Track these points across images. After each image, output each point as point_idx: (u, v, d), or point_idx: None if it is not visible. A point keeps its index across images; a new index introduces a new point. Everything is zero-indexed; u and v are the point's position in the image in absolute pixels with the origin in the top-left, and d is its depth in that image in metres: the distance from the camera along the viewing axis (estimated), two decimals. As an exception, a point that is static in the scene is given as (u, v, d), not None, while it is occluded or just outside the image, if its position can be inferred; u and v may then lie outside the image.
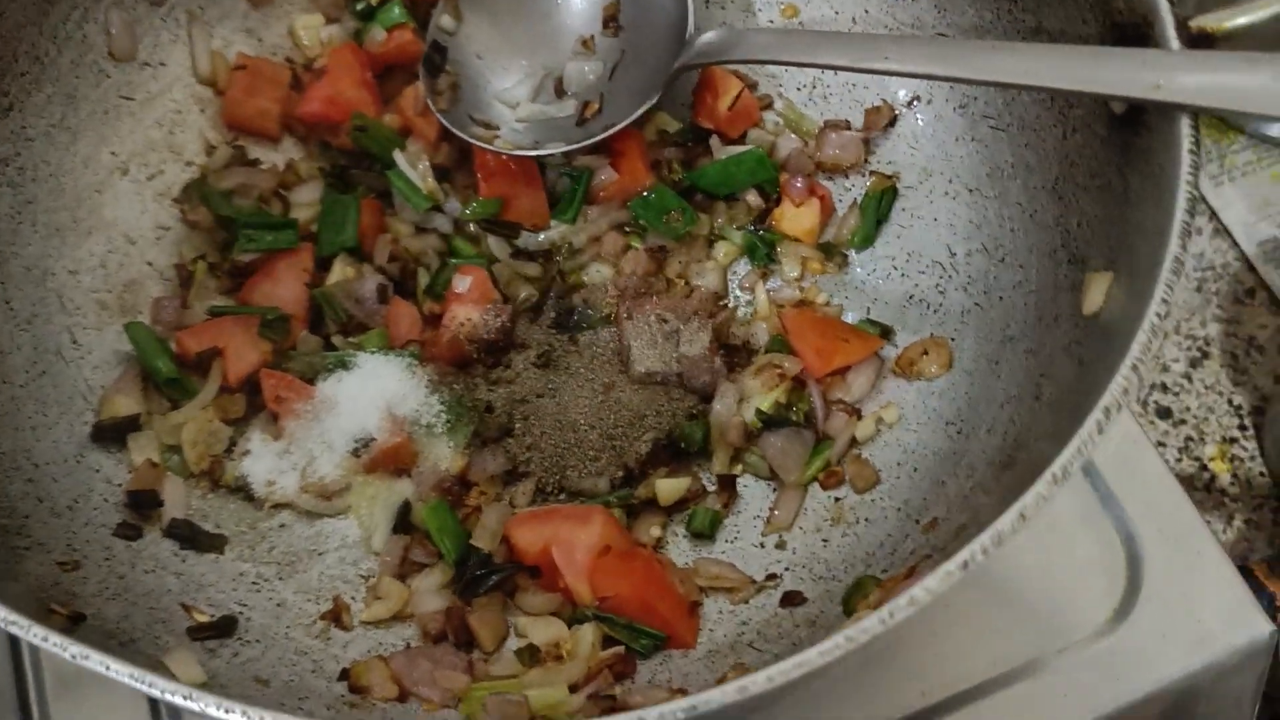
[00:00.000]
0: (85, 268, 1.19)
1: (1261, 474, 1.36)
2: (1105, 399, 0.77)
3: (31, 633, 0.71)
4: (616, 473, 1.12)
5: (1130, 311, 0.85)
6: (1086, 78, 0.90)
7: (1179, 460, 1.38)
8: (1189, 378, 1.42)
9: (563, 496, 1.13)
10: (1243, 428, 1.38)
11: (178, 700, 0.68)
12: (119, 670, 0.69)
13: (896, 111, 1.26)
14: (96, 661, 0.70)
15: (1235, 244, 1.46)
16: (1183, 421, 1.40)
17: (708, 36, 1.19)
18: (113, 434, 1.12)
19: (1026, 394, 1.01)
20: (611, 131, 1.24)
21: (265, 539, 1.11)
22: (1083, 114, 1.03)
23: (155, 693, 0.69)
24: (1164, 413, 1.41)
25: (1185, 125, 0.86)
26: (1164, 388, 1.42)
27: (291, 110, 1.31)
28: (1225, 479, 1.37)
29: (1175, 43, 0.89)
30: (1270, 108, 0.86)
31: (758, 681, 0.67)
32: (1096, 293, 0.94)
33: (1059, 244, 1.05)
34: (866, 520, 1.07)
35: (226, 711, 0.68)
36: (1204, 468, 1.38)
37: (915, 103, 1.25)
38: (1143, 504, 1.22)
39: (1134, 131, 0.94)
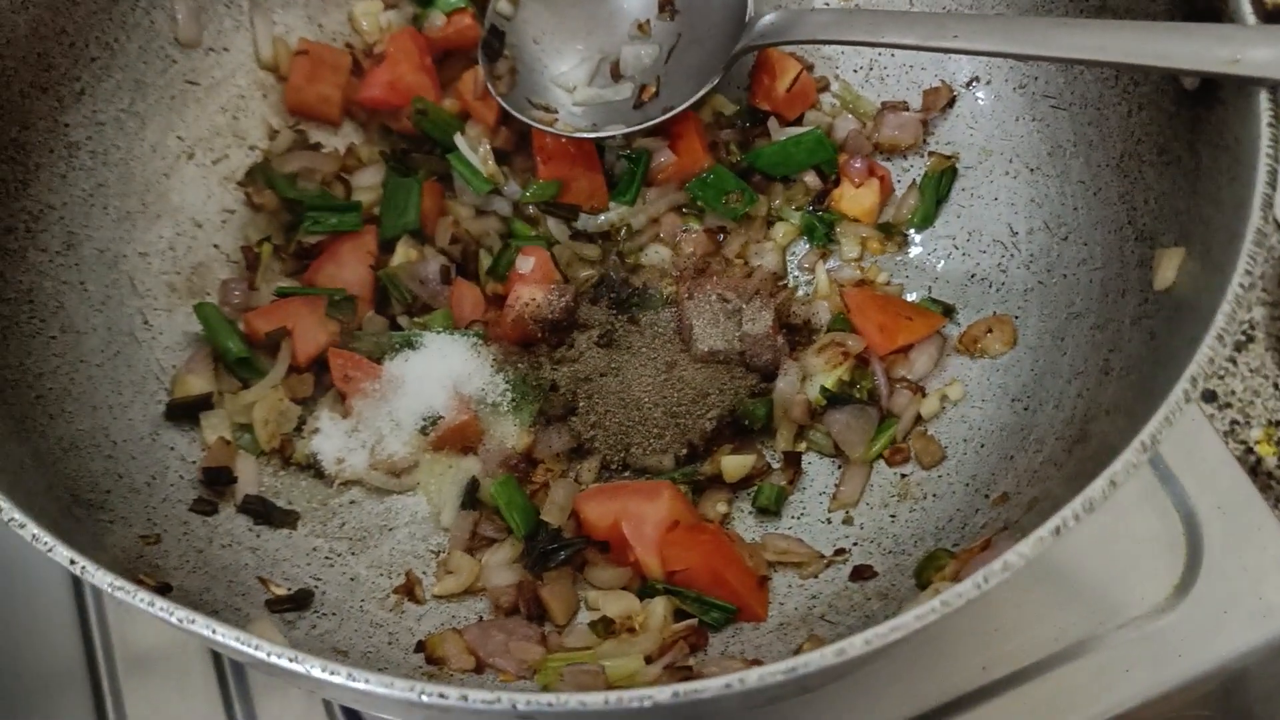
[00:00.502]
0: (155, 251, 1.21)
1: (1311, 456, 1.36)
2: (1191, 368, 0.78)
3: (138, 597, 0.73)
4: (681, 450, 1.13)
5: (1208, 284, 0.85)
6: (1161, 53, 0.90)
7: (1225, 443, 1.38)
8: (1234, 361, 1.42)
9: (627, 474, 1.15)
10: (1290, 410, 1.38)
11: (282, 662, 0.69)
12: (224, 634, 0.70)
13: (955, 92, 1.26)
14: (202, 625, 0.71)
15: (1280, 227, 1.46)
16: (1228, 405, 1.40)
17: (769, 18, 1.20)
18: (186, 413, 1.13)
19: (1094, 369, 1.01)
20: (671, 114, 1.25)
21: (336, 515, 1.13)
22: (1149, 90, 1.04)
23: (261, 655, 0.70)
24: (1209, 396, 1.41)
25: (1264, 99, 0.86)
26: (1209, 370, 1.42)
27: (352, 95, 1.32)
28: (1271, 462, 1.37)
29: (1251, 17, 0.89)
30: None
31: (855, 644, 0.68)
32: (1168, 268, 0.94)
33: (1125, 220, 1.05)
34: (934, 495, 1.08)
35: (331, 674, 0.69)
36: (1250, 450, 1.38)
37: (974, 83, 1.25)
38: (1201, 481, 1.23)
39: (1206, 106, 0.94)
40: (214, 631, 0.70)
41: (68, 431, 1.03)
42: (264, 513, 1.10)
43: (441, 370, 1.17)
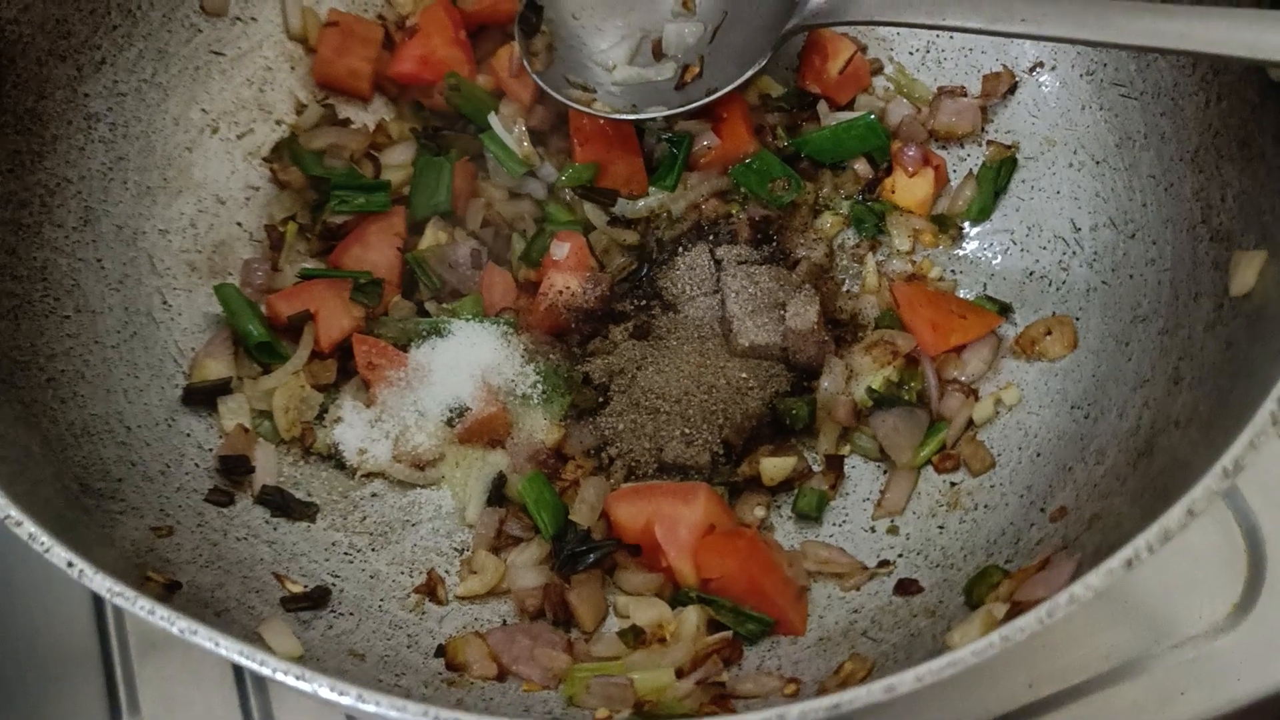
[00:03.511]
0: (175, 228, 1.17)
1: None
2: (1278, 389, 0.71)
3: (138, 605, 0.68)
4: (717, 447, 1.08)
5: (1295, 292, 0.79)
6: (1249, 42, 0.84)
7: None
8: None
9: (661, 473, 1.09)
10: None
11: (289, 680, 0.65)
12: (228, 647, 0.66)
13: (1017, 77, 1.20)
14: (204, 637, 0.67)
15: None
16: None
17: (821, -4, 1.14)
18: (204, 398, 1.09)
19: (1161, 376, 0.95)
20: (715, 97, 1.19)
21: (357, 508, 1.08)
22: (1231, 80, 0.97)
23: (266, 671, 0.65)
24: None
25: (1362, 90, 0.80)
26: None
27: (383, 69, 1.27)
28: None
29: (1348, 3, 0.83)
30: None
31: (906, 681, 0.63)
32: (1248, 272, 0.88)
33: (1199, 219, 0.99)
34: (986, 506, 1.02)
35: (341, 694, 0.65)
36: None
37: (1038, 68, 1.19)
38: (1266, 494, 1.17)
39: (1294, 99, 0.88)
40: (217, 644, 0.66)
41: (80, 416, 0.99)
42: (282, 504, 1.05)
43: (470, 359, 1.12)
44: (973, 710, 1.09)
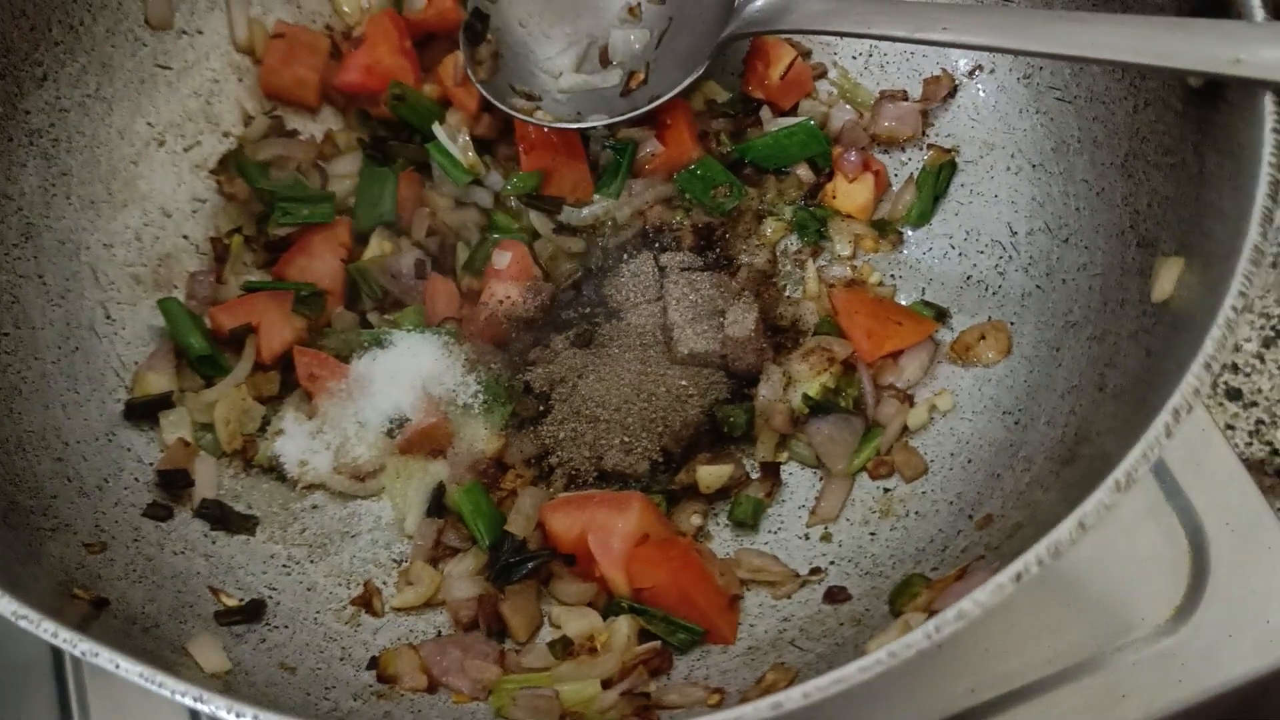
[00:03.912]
0: (119, 241, 1.17)
1: (1337, 460, 1.30)
2: (1175, 400, 0.72)
3: (41, 627, 0.69)
4: (656, 455, 1.08)
5: (1204, 302, 0.79)
6: (1160, 51, 0.84)
7: (1249, 444, 1.32)
8: (1261, 358, 1.36)
9: (601, 481, 1.09)
10: (1317, 411, 1.32)
11: (187, 701, 0.66)
12: (128, 669, 0.67)
13: (957, 82, 1.20)
14: (106, 660, 0.68)
15: (1314, 220, 1.39)
16: (1254, 404, 1.34)
17: (757, 4, 1.14)
18: (145, 412, 1.10)
19: (1089, 384, 0.95)
20: (657, 103, 1.19)
21: (297, 520, 1.09)
22: (1156, 86, 0.97)
23: (165, 693, 0.66)
24: (1234, 394, 1.35)
25: (1269, 103, 0.80)
26: (1235, 368, 1.36)
27: (330, 79, 1.28)
28: (1296, 464, 1.31)
29: (1260, 13, 0.83)
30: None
31: (793, 698, 0.63)
32: (1167, 279, 0.88)
33: (1127, 225, 0.99)
34: (917, 514, 1.03)
35: (238, 716, 0.65)
36: (1276, 452, 1.32)
37: (977, 73, 1.19)
38: (1210, 495, 1.17)
39: (1213, 107, 0.87)
40: (117, 666, 0.67)
41: (14, 431, 0.99)
42: (221, 517, 1.06)
43: (411, 370, 1.12)
44: (914, 715, 1.09)
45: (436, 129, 1.23)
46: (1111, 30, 0.86)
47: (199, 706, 0.65)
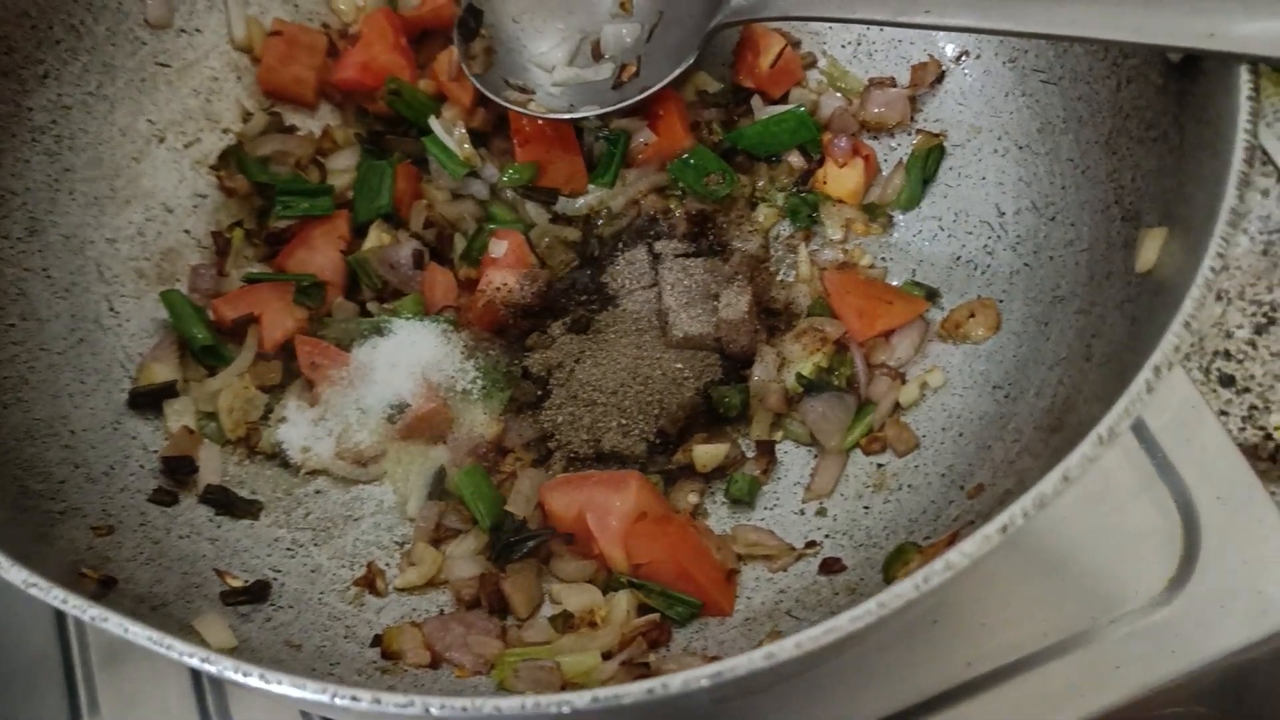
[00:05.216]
0: (123, 236, 1.19)
1: (1328, 442, 1.30)
2: (1156, 357, 0.73)
3: (51, 594, 0.71)
4: (653, 436, 1.10)
5: (1185, 268, 0.81)
6: (1136, 27, 0.86)
7: (1242, 430, 1.33)
8: (1254, 344, 1.37)
9: (599, 462, 1.11)
10: (1310, 396, 1.33)
11: (194, 662, 0.67)
12: (136, 633, 0.68)
13: (944, 67, 1.22)
14: (115, 624, 0.69)
15: (1304, 205, 1.40)
16: (1247, 389, 1.34)
17: (745, -7, 1.16)
18: (149, 401, 1.12)
19: (1076, 355, 0.97)
20: (648, 94, 1.21)
21: (301, 505, 1.11)
22: (1138, 63, 0.99)
23: (174, 654, 0.68)
24: (1227, 380, 1.35)
25: (1243, 72, 0.81)
26: (1227, 355, 1.36)
27: (328, 77, 1.30)
28: (1291, 449, 1.31)
29: (1233, -15, 0.84)
30: (1335, 54, 0.81)
31: (785, 648, 0.65)
32: (1150, 249, 0.90)
33: (1112, 200, 1.01)
34: (909, 486, 1.04)
35: (244, 675, 0.67)
36: (1269, 437, 1.33)
37: (964, 58, 1.21)
38: (1201, 472, 1.18)
39: (1191, 79, 0.89)
40: (126, 630, 0.68)
41: (24, 420, 1.01)
42: (226, 503, 1.08)
43: (410, 357, 1.14)
44: (911, 690, 1.11)
45: (433, 123, 1.25)
46: (1089, 8, 0.88)
47: (206, 667, 0.67)
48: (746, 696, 0.97)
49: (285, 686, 0.67)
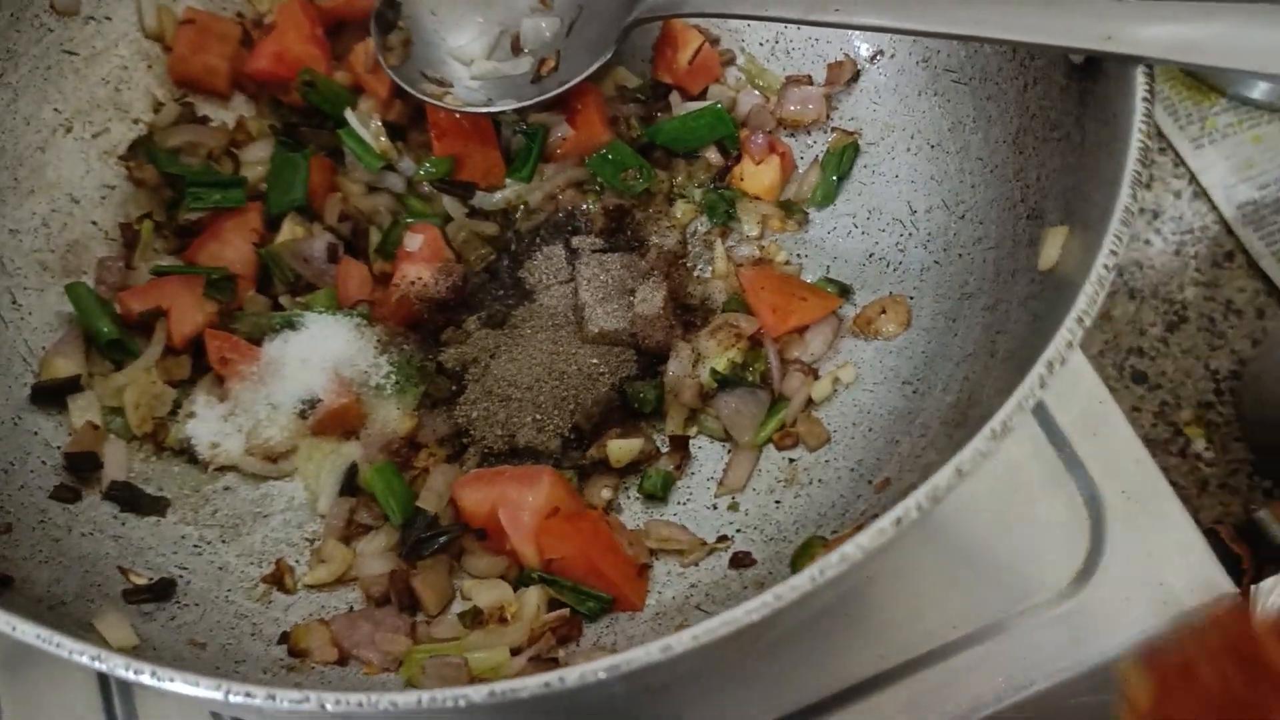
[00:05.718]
0: (26, 228, 1.17)
1: (1237, 439, 1.33)
2: (1048, 353, 0.75)
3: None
4: (568, 432, 1.10)
5: (1082, 265, 0.82)
6: (1036, 28, 0.87)
7: (1154, 426, 1.36)
8: (1165, 342, 1.40)
9: (513, 458, 1.11)
10: (1219, 393, 1.36)
11: (84, 660, 0.66)
12: (24, 631, 0.67)
13: (859, 66, 1.23)
14: (1, 623, 0.68)
15: (1214, 207, 1.44)
16: (1158, 386, 1.38)
17: (662, -12, 1.16)
18: (52, 396, 1.09)
19: (982, 350, 0.99)
20: (565, 88, 1.21)
21: (209, 502, 1.09)
22: (1044, 64, 1.00)
23: (63, 653, 0.66)
24: (1140, 377, 1.38)
25: (1140, 74, 0.83)
26: (1140, 352, 1.40)
27: (241, 67, 1.28)
28: (1200, 445, 1.35)
29: (1132, -11, 0.86)
30: (1225, 60, 0.82)
31: (682, 640, 0.65)
32: (1052, 247, 0.91)
33: (1019, 198, 1.03)
34: (820, 481, 1.05)
35: (135, 673, 0.66)
36: (1179, 433, 1.36)
37: (879, 57, 1.22)
38: (1107, 467, 1.20)
39: (1092, 80, 0.91)
40: (14, 629, 0.67)
41: (-84, 417, 0.99)
42: (131, 500, 1.06)
43: (322, 352, 1.13)
44: (826, 682, 1.11)
45: (348, 115, 1.24)
46: (991, 9, 0.89)
47: (96, 665, 0.66)
48: (661, 692, 0.97)
49: (178, 684, 0.65)
